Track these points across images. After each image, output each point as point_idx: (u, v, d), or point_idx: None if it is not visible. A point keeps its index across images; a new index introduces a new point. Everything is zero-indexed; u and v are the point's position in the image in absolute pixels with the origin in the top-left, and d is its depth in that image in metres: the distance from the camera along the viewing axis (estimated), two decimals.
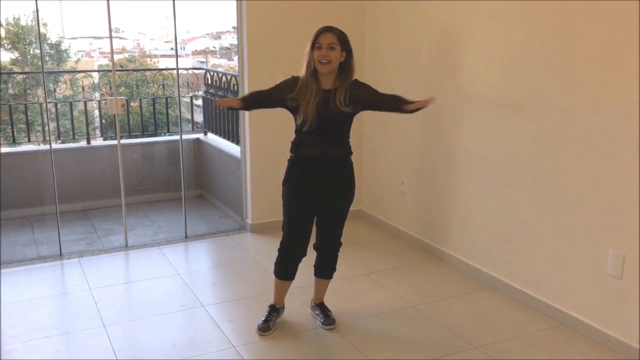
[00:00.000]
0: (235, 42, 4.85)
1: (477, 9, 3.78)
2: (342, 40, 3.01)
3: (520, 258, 3.66)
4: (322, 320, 3.36)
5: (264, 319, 3.30)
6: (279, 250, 3.26)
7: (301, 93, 3.01)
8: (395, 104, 3.14)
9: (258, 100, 3.19)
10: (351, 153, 3.20)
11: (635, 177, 2.90)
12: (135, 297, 3.84)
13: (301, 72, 3.05)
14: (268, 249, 3.71)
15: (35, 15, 4.44)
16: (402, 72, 4.55)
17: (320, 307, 3.42)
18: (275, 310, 3.35)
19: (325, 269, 3.37)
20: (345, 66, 3.05)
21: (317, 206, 3.18)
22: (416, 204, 4.58)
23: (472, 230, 4.03)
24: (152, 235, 5.05)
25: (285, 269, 3.28)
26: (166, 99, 6.57)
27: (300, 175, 3.14)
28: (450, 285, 3.93)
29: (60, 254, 4.48)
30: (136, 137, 6.51)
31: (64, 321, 3.50)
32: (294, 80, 3.07)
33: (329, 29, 2.99)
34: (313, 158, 3.09)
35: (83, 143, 6.12)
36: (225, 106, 3.26)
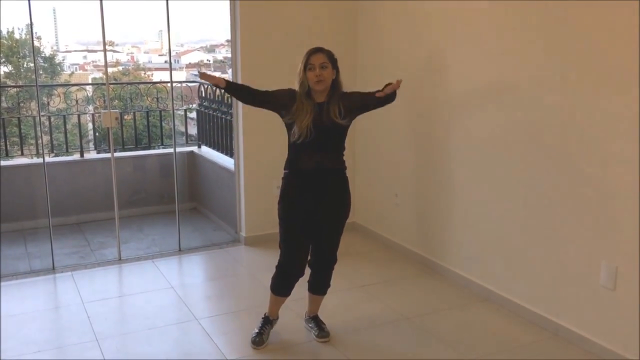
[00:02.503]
0: (229, 55, 4.87)
1: (470, 16, 3.80)
2: (332, 59, 3.11)
3: (513, 270, 3.66)
4: (316, 333, 3.35)
5: (257, 331, 3.29)
6: (278, 267, 3.25)
7: (297, 112, 3.06)
8: (378, 100, 3.16)
9: (250, 92, 3.20)
10: (346, 168, 3.23)
11: (628, 189, 2.92)
12: (128, 311, 3.82)
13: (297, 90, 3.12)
14: (262, 261, 3.71)
15: (29, 29, 4.45)
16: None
17: (315, 320, 3.42)
18: (269, 322, 3.34)
19: (319, 286, 3.37)
20: (336, 83, 3.14)
21: (314, 222, 3.18)
22: (410, 216, 4.59)
23: (465, 242, 4.04)
24: (145, 248, 5.04)
25: (282, 286, 3.27)
26: (160, 111, 6.58)
27: (296, 191, 3.15)
28: (443, 297, 3.93)
29: (53, 268, 4.46)
30: (130, 150, 6.50)
31: (57, 335, 3.48)
32: (292, 94, 3.11)
33: (318, 50, 3.10)
34: (308, 171, 3.11)
35: (76, 156, 6.11)
36: (211, 82, 3.19)
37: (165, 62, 4.93)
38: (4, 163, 5.66)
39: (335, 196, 3.20)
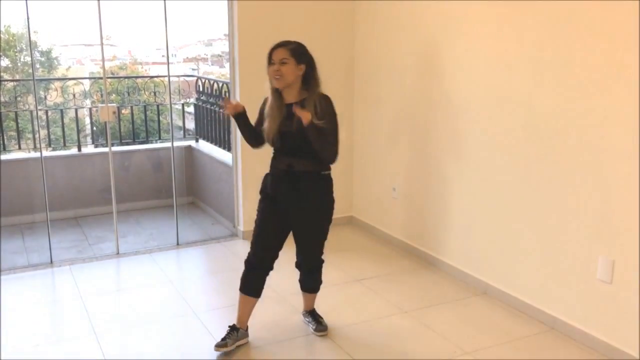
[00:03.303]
0: (226, 49, 4.86)
1: (468, 13, 3.80)
2: (297, 53, 2.95)
3: (511, 263, 3.68)
4: (314, 327, 3.36)
5: (222, 338, 3.15)
6: (246, 262, 3.18)
7: (268, 114, 3.02)
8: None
9: (255, 132, 3.17)
10: (325, 169, 3.09)
11: (626, 183, 2.93)
12: (126, 305, 3.82)
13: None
14: None
15: (26, 23, 4.43)
16: (392, 75, 4.57)
17: (312, 314, 3.42)
18: (235, 330, 3.19)
19: (310, 286, 3.36)
20: (308, 78, 2.99)
21: (289, 222, 3.13)
22: (407, 210, 4.60)
23: (463, 236, 4.05)
24: (143, 242, 5.04)
25: (250, 283, 3.18)
26: (157, 106, 6.57)
27: (270, 189, 3.12)
28: (441, 290, 3.94)
29: (51, 262, 4.46)
30: (127, 144, 6.50)
31: (55, 329, 3.49)
32: (266, 101, 3.10)
33: (280, 44, 2.98)
34: (281, 172, 3.06)
35: (74, 150, 6.11)
36: (230, 112, 3.10)
37: (163, 56, 4.91)
38: (1, 157, 5.65)
39: (311, 199, 3.07)
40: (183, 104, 6.81)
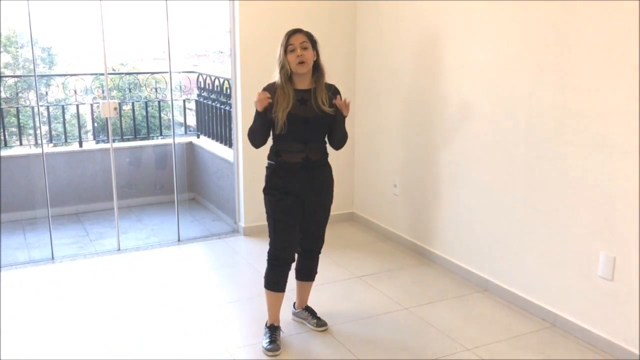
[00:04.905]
0: (227, 44, 4.85)
1: (469, 11, 3.80)
2: (312, 39, 3.01)
3: (512, 260, 3.68)
4: (315, 323, 3.36)
5: (269, 340, 3.15)
6: (270, 260, 3.17)
7: (279, 98, 2.96)
8: (332, 130, 3.11)
9: (264, 128, 3.08)
10: (328, 155, 3.18)
11: (627, 180, 2.93)
12: (127, 302, 3.83)
13: (274, 78, 3.02)
14: (261, 251, 3.72)
15: (28, 18, 4.42)
16: (393, 73, 4.57)
17: (309, 310, 3.42)
18: (275, 329, 3.21)
19: (308, 272, 3.36)
20: (318, 65, 3.04)
21: (302, 210, 3.14)
22: (408, 206, 4.60)
23: (464, 233, 4.05)
24: (144, 238, 5.05)
25: (278, 279, 3.18)
26: (159, 102, 6.57)
27: (283, 183, 3.08)
28: (442, 287, 3.94)
29: (52, 258, 4.47)
30: (129, 140, 6.50)
31: (57, 326, 3.49)
32: (271, 88, 3.01)
33: (298, 30, 3.00)
34: (296, 165, 3.04)
35: (75, 146, 6.11)
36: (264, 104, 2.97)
37: (163, 52, 4.91)
38: (2, 153, 5.65)
39: (322, 185, 3.17)
40: (184, 100, 6.81)
